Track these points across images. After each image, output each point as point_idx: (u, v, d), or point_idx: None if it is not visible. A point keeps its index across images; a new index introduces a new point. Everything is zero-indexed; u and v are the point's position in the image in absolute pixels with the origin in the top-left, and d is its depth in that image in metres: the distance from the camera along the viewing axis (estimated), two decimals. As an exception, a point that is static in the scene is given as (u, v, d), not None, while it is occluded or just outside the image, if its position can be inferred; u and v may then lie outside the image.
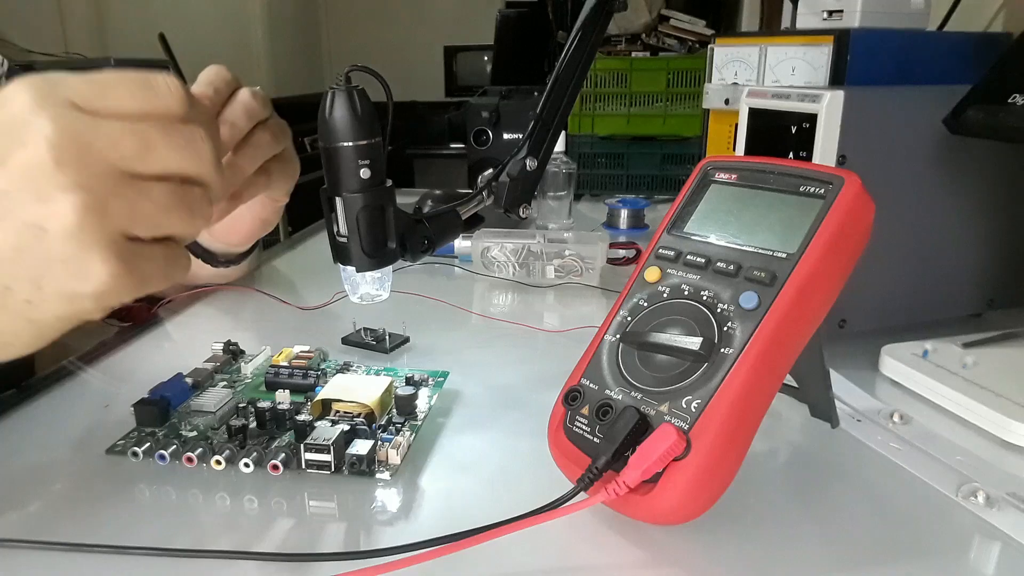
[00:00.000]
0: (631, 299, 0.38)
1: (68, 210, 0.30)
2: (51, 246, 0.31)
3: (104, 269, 0.32)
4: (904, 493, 0.40)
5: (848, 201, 0.34)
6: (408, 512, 0.38)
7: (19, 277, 0.32)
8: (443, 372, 0.52)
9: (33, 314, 0.33)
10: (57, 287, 0.32)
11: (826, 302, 0.35)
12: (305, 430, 0.42)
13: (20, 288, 0.32)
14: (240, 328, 0.66)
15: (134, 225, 0.33)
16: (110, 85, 0.33)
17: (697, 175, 0.41)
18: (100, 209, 0.31)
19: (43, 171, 0.30)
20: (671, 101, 1.20)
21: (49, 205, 0.30)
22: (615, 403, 0.35)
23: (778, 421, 0.47)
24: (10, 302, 0.32)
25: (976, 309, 0.62)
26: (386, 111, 0.45)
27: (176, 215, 0.34)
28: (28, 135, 0.30)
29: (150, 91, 0.33)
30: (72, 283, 0.32)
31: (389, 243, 0.46)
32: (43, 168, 0.30)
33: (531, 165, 0.53)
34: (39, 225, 0.31)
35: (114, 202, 0.31)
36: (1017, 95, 0.48)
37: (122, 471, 0.41)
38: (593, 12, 0.53)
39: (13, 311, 0.32)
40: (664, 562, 0.34)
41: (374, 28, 3.89)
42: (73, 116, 0.31)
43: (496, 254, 0.77)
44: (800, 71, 0.65)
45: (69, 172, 0.30)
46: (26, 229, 0.31)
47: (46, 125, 0.30)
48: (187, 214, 0.34)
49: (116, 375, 0.56)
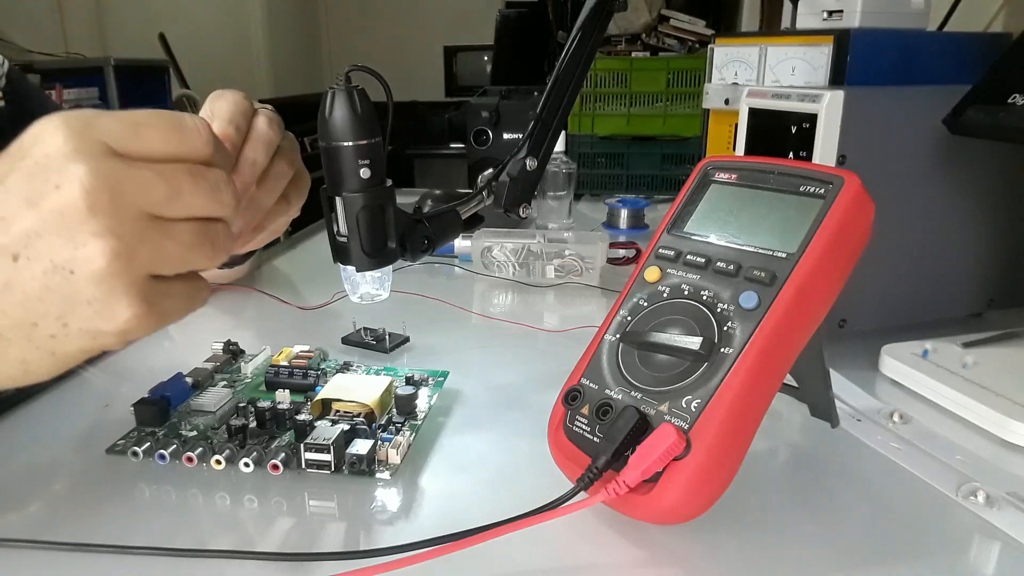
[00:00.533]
0: (631, 299, 0.38)
1: (98, 255, 0.31)
2: (78, 287, 0.32)
3: (129, 311, 0.32)
4: (904, 493, 0.40)
5: (848, 201, 0.34)
6: (408, 512, 0.38)
7: (45, 315, 0.32)
8: (443, 372, 0.52)
9: (57, 348, 0.34)
10: (81, 325, 0.33)
11: (826, 302, 0.35)
12: (305, 430, 0.42)
13: (45, 325, 0.33)
14: (240, 328, 0.66)
15: (159, 266, 0.33)
16: (143, 126, 0.33)
17: (697, 175, 0.41)
18: (128, 254, 0.32)
19: (77, 216, 0.31)
20: (671, 101, 1.20)
21: (80, 249, 0.31)
22: (615, 403, 0.35)
23: (778, 421, 0.47)
24: (35, 336, 0.33)
25: (976, 309, 0.62)
26: (386, 111, 0.45)
27: (199, 252, 0.35)
28: (63, 179, 0.31)
29: (181, 134, 0.34)
30: (96, 322, 0.33)
31: (389, 243, 0.46)
32: (77, 213, 0.31)
33: (531, 165, 0.53)
34: (68, 267, 0.31)
35: (141, 247, 0.32)
36: (1017, 95, 0.48)
37: (122, 471, 0.41)
38: (593, 12, 0.53)
39: (38, 345, 0.33)
40: (664, 562, 0.34)
41: (374, 28, 3.90)
42: (108, 163, 0.31)
43: (496, 254, 0.77)
44: (800, 71, 0.65)
45: (101, 218, 0.31)
46: (55, 270, 0.31)
47: (82, 171, 0.31)
48: (210, 250, 0.35)
49: (116, 375, 0.56)
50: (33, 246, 0.31)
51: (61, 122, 0.32)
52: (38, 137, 0.32)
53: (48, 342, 0.33)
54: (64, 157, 0.31)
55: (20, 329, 0.33)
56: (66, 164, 0.31)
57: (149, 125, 0.33)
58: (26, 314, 0.32)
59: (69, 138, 0.31)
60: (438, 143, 3.53)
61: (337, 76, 0.42)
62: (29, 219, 0.31)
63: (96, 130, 0.32)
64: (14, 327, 0.33)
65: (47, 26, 2.56)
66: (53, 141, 0.31)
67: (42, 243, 0.31)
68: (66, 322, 0.33)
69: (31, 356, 0.34)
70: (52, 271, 0.31)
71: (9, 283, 0.32)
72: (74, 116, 0.32)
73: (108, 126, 0.32)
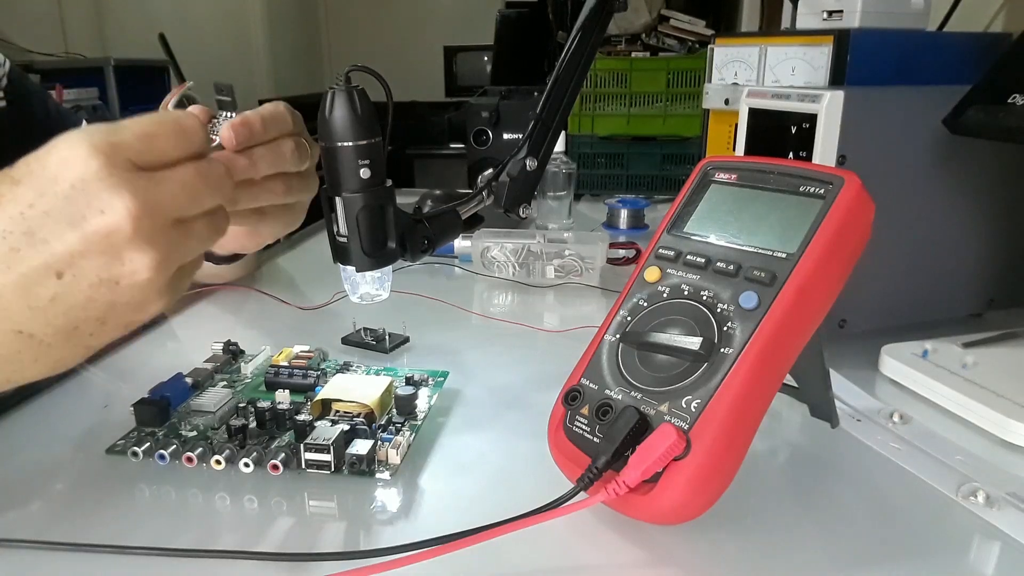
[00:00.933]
0: (631, 299, 0.38)
1: (143, 268, 0.34)
2: (121, 294, 0.35)
3: (161, 303, 0.37)
4: (904, 493, 0.40)
5: (848, 201, 0.34)
6: (408, 512, 0.38)
7: (87, 319, 0.35)
8: (443, 372, 0.52)
9: (92, 343, 0.37)
10: (118, 321, 0.36)
11: (826, 302, 0.35)
12: (305, 430, 0.42)
13: (86, 327, 0.35)
14: (240, 328, 0.66)
15: (184, 260, 0.37)
16: (154, 137, 0.36)
17: (697, 175, 0.41)
18: (166, 260, 0.35)
19: (123, 238, 0.33)
20: (671, 101, 1.20)
21: (126, 265, 0.34)
22: (615, 403, 0.35)
23: (778, 421, 0.47)
24: (75, 338, 0.36)
25: (976, 309, 0.62)
26: (386, 111, 0.45)
27: (212, 240, 0.38)
28: (107, 206, 0.33)
29: (184, 135, 0.37)
30: (132, 316, 0.36)
31: (389, 243, 0.46)
32: (123, 235, 0.33)
33: (531, 165, 0.53)
34: (113, 280, 0.34)
35: (174, 252, 0.36)
36: (1017, 95, 0.48)
37: (122, 471, 0.41)
38: (593, 12, 0.53)
39: (77, 344, 0.36)
40: (664, 562, 0.34)
41: (374, 28, 3.90)
42: (141, 184, 0.34)
43: (496, 254, 0.77)
44: (800, 71, 0.65)
45: (144, 236, 0.34)
46: (100, 284, 0.34)
47: (126, 197, 0.33)
48: (218, 236, 0.39)
49: (116, 375, 0.56)
50: (78, 265, 0.34)
51: (90, 145, 0.34)
52: (67, 161, 0.33)
53: (87, 340, 0.36)
54: (102, 183, 0.33)
55: (62, 334, 0.35)
56: (107, 190, 0.33)
57: (158, 135, 0.36)
58: (69, 321, 0.35)
59: (103, 165, 0.33)
60: (438, 143, 3.53)
61: (337, 76, 0.42)
62: (72, 239, 0.33)
63: (121, 150, 0.34)
64: (56, 334, 0.35)
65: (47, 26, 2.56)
66: (87, 166, 0.33)
67: (87, 262, 0.34)
68: (105, 321, 0.36)
69: (67, 354, 0.37)
70: (98, 284, 0.34)
71: (55, 298, 0.34)
72: (99, 138, 0.34)
73: (128, 143, 0.35)
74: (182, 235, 0.36)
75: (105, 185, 0.33)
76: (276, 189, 0.48)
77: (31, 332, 0.35)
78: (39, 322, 0.34)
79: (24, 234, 0.33)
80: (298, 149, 0.48)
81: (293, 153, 0.48)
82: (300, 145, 0.48)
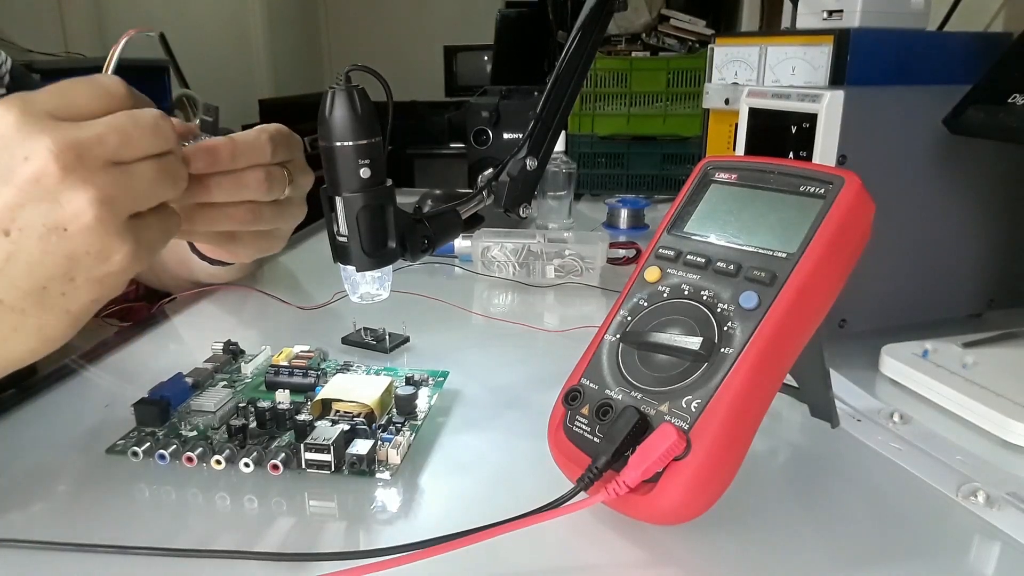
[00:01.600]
0: (631, 299, 0.38)
1: (85, 207, 0.34)
2: (75, 242, 0.34)
3: (124, 249, 0.36)
4: (904, 493, 0.40)
5: (848, 201, 0.34)
6: (408, 512, 0.38)
7: (52, 276, 0.35)
8: (443, 372, 0.52)
9: (70, 305, 0.36)
10: (87, 275, 0.36)
11: (826, 302, 0.35)
12: (305, 430, 0.42)
13: (54, 286, 0.35)
14: (240, 328, 0.66)
15: (135, 204, 0.37)
16: (68, 90, 0.37)
17: (697, 175, 0.41)
18: (108, 200, 0.35)
19: (53, 179, 0.34)
20: (671, 101, 1.20)
21: (66, 207, 0.34)
22: (615, 403, 0.35)
23: (778, 421, 0.47)
24: (47, 300, 0.36)
25: (976, 309, 0.62)
26: (386, 111, 0.45)
27: (163, 185, 0.38)
28: (30, 150, 0.34)
29: (101, 89, 0.38)
30: (99, 268, 0.36)
31: (389, 243, 0.46)
32: (52, 177, 0.33)
33: (531, 165, 0.53)
34: (61, 227, 0.34)
35: (116, 191, 0.35)
36: (1017, 95, 0.48)
37: (122, 471, 0.41)
38: (593, 12, 0.53)
39: (51, 307, 0.36)
40: (664, 562, 0.34)
41: (374, 28, 3.90)
42: (63, 127, 0.34)
43: (496, 254, 0.77)
44: (800, 71, 0.65)
45: (75, 174, 0.34)
46: (49, 233, 0.34)
47: (45, 139, 0.33)
48: (171, 180, 0.39)
49: (116, 375, 0.55)
50: (20, 217, 0.34)
51: (4, 104, 0.34)
52: None
53: (60, 301, 0.36)
54: (20, 132, 0.34)
55: (32, 296, 0.35)
56: (27, 137, 0.34)
57: (75, 91, 0.37)
58: (34, 281, 0.35)
59: (18, 115, 0.34)
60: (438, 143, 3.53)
61: (337, 76, 0.42)
62: (7, 194, 0.34)
63: (36, 103, 0.35)
64: (25, 296, 0.35)
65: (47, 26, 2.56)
66: (4, 122, 0.34)
67: (27, 212, 0.34)
68: (72, 276, 0.35)
69: (47, 320, 0.36)
70: (47, 234, 0.34)
71: (10, 257, 0.34)
72: (14, 97, 0.35)
73: (45, 99, 0.35)
74: (123, 175, 0.36)
75: (24, 133, 0.34)
76: (238, 216, 0.48)
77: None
78: (4, 286, 0.35)
79: None
80: (268, 180, 0.47)
81: (260, 183, 0.47)
82: (272, 176, 0.48)
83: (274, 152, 0.48)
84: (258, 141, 0.47)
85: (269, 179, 0.48)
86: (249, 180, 0.47)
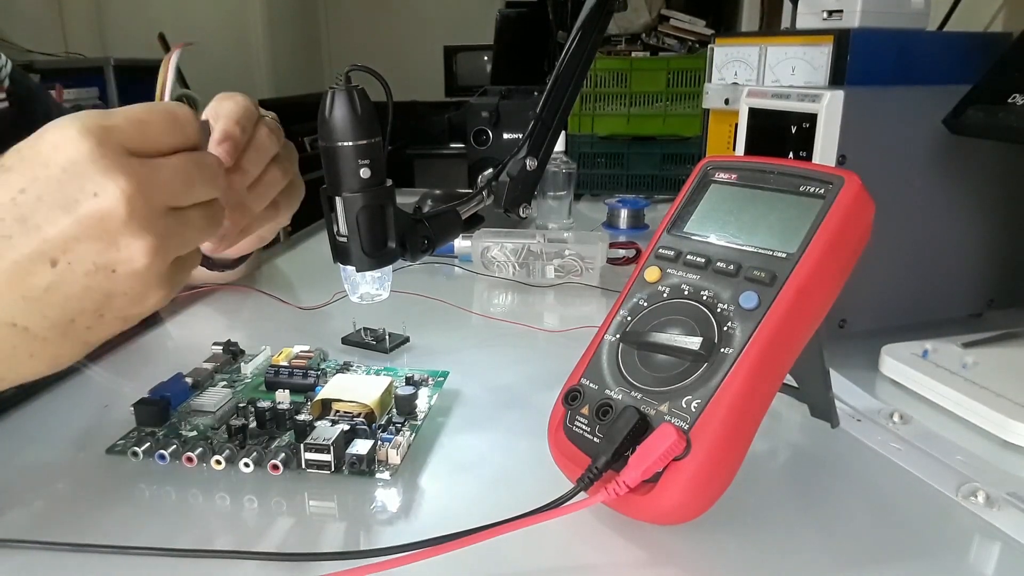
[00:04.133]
0: (631, 299, 0.38)
1: (140, 255, 0.33)
2: (118, 283, 0.34)
3: (160, 295, 0.36)
4: (904, 493, 0.40)
5: (848, 201, 0.34)
6: (408, 512, 0.38)
7: (83, 311, 0.34)
8: (443, 372, 0.52)
9: (90, 338, 0.36)
10: (116, 314, 0.35)
11: (826, 302, 0.35)
12: (305, 430, 0.42)
13: (82, 320, 0.35)
14: (240, 328, 0.66)
15: (181, 250, 0.37)
16: (147, 124, 0.35)
17: (697, 175, 0.41)
18: (163, 249, 0.34)
19: (118, 222, 0.33)
20: (671, 101, 1.20)
21: (122, 251, 0.33)
22: (615, 403, 0.35)
23: (778, 421, 0.47)
24: (71, 332, 0.35)
25: (976, 309, 0.62)
26: (386, 111, 0.45)
27: (208, 232, 0.38)
28: (101, 188, 0.32)
29: (177, 124, 0.36)
30: (131, 309, 0.36)
31: (389, 243, 0.46)
32: (117, 219, 0.33)
33: (531, 165, 0.53)
34: (110, 267, 0.33)
35: (171, 240, 0.35)
36: (1017, 95, 0.48)
37: (122, 471, 0.41)
38: (593, 12, 0.53)
39: (73, 339, 0.35)
40: (664, 562, 0.34)
41: (374, 28, 3.89)
42: (137, 168, 0.33)
43: (496, 254, 0.77)
44: (800, 71, 0.65)
45: (139, 221, 0.33)
46: (97, 271, 0.33)
47: (120, 180, 0.32)
48: (215, 228, 0.39)
49: (116, 375, 0.55)
50: (72, 251, 0.33)
51: (81, 128, 0.33)
52: (57, 145, 0.33)
53: (83, 334, 0.35)
54: (95, 165, 0.32)
55: (58, 328, 0.34)
56: (100, 172, 0.32)
57: (152, 122, 0.35)
58: (65, 313, 0.34)
59: (95, 147, 0.32)
60: (438, 143, 3.53)
61: (337, 76, 0.42)
62: (65, 224, 0.32)
63: (114, 134, 0.33)
64: (52, 327, 0.34)
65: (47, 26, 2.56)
66: (78, 149, 0.32)
67: (81, 247, 0.33)
68: (102, 313, 0.35)
69: (64, 350, 0.36)
70: (94, 272, 0.33)
71: (50, 287, 0.33)
72: (89, 121, 0.33)
73: (121, 127, 0.34)
74: (178, 223, 0.35)
75: (98, 167, 0.32)
76: (276, 176, 0.51)
77: (26, 325, 0.34)
78: (34, 314, 0.33)
79: (16, 221, 0.32)
80: (272, 132, 0.50)
81: (270, 137, 0.50)
82: (271, 127, 0.50)
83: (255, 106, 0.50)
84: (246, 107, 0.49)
85: (272, 130, 0.50)
86: (264, 140, 0.49)
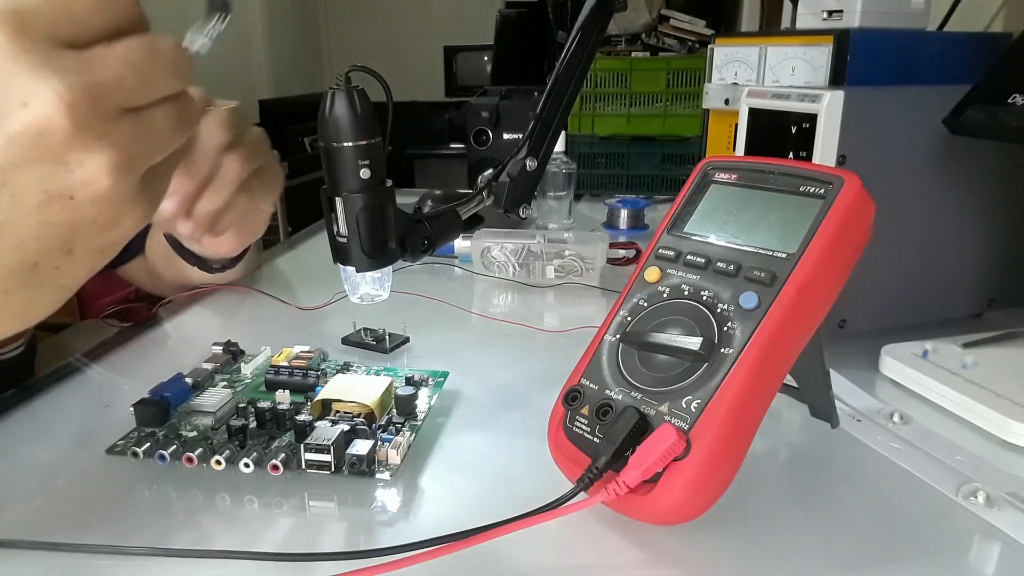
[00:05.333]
0: (631, 299, 0.38)
1: (99, 173, 0.27)
2: (81, 211, 0.28)
3: (136, 214, 0.30)
4: (904, 493, 0.40)
5: (848, 201, 0.34)
6: (408, 512, 0.38)
7: (46, 251, 0.28)
8: (443, 372, 0.52)
9: (63, 280, 0.30)
10: (88, 246, 0.29)
11: (826, 302, 0.35)
12: (305, 430, 0.42)
13: (47, 260, 0.29)
14: (240, 328, 0.66)
15: (151, 160, 0.30)
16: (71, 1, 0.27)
17: (697, 175, 0.41)
18: (128, 162, 0.28)
19: (60, 135, 0.26)
20: (671, 101, 1.20)
21: (75, 172, 0.27)
22: (615, 403, 0.35)
23: (778, 421, 0.47)
24: (37, 277, 0.29)
25: (976, 309, 0.62)
26: (386, 111, 0.45)
27: (179, 133, 0.31)
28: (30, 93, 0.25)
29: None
30: (104, 236, 0.29)
31: (389, 243, 0.46)
32: (60, 132, 0.26)
33: (531, 165, 0.53)
34: (66, 195, 0.27)
35: (134, 148, 0.28)
36: (1017, 95, 0.48)
37: (122, 471, 0.41)
38: (593, 12, 0.53)
39: (41, 284, 0.29)
40: (664, 562, 0.34)
41: (374, 28, 3.90)
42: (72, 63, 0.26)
43: (496, 254, 0.77)
44: (800, 71, 0.65)
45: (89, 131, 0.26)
46: (51, 201, 0.27)
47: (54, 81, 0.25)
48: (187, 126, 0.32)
49: (116, 375, 0.56)
50: (12, 181, 0.26)
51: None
52: None
53: (53, 276, 0.29)
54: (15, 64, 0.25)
55: (19, 275, 0.29)
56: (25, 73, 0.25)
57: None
58: (23, 257, 0.28)
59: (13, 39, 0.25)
60: (438, 143, 3.53)
61: (337, 76, 0.42)
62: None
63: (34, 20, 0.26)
64: (11, 275, 0.28)
65: (47, 26, 2.56)
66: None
67: (23, 176, 0.26)
68: (70, 248, 0.29)
69: (35, 298, 0.30)
70: (48, 203, 0.27)
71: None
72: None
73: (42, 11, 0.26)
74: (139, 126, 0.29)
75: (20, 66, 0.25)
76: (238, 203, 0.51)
77: None
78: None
79: None
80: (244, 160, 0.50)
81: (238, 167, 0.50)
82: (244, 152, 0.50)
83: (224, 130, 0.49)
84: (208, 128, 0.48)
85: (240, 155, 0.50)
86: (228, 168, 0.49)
